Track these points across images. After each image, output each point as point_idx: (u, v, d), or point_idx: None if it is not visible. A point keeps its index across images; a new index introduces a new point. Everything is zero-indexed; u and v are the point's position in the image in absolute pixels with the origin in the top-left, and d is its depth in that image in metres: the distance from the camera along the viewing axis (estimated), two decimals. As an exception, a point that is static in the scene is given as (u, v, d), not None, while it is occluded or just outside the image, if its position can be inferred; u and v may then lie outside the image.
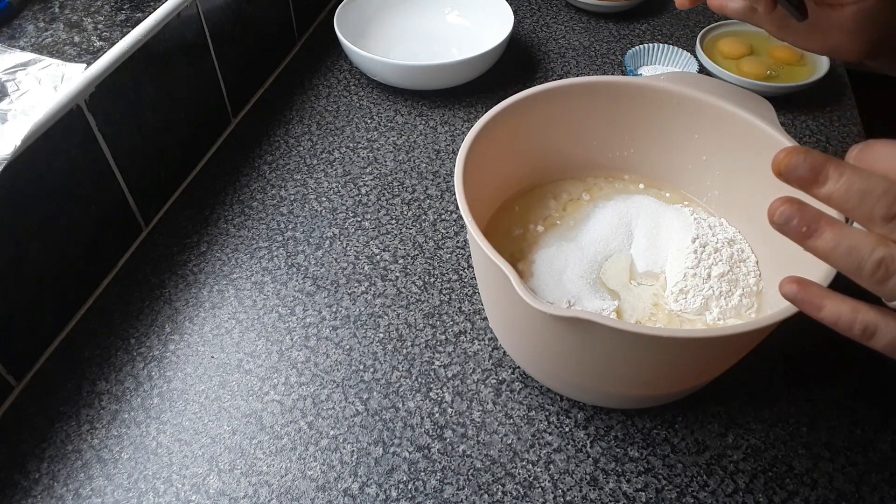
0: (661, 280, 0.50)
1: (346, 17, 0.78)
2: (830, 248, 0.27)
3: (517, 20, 0.87)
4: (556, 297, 0.48)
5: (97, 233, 0.55)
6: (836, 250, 0.27)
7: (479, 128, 0.47)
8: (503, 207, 0.55)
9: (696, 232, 0.51)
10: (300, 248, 0.59)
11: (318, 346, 0.52)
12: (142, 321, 0.54)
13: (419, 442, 0.46)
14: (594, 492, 0.44)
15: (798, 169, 0.27)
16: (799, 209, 0.27)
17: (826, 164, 0.27)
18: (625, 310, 0.49)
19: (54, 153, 0.48)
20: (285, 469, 0.45)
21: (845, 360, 0.51)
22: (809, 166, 0.27)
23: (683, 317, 0.48)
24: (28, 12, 0.57)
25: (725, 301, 0.48)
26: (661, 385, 0.44)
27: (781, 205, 0.28)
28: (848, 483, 0.45)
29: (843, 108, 0.74)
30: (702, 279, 0.48)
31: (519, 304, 0.37)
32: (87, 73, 0.50)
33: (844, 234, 0.27)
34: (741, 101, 0.49)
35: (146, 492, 0.44)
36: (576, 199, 0.56)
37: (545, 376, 0.47)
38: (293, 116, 0.73)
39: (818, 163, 0.27)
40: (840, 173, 0.26)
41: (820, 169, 0.27)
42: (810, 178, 0.27)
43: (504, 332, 0.49)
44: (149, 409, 0.48)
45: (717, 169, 0.53)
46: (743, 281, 0.49)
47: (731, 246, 0.51)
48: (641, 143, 0.55)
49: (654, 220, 0.53)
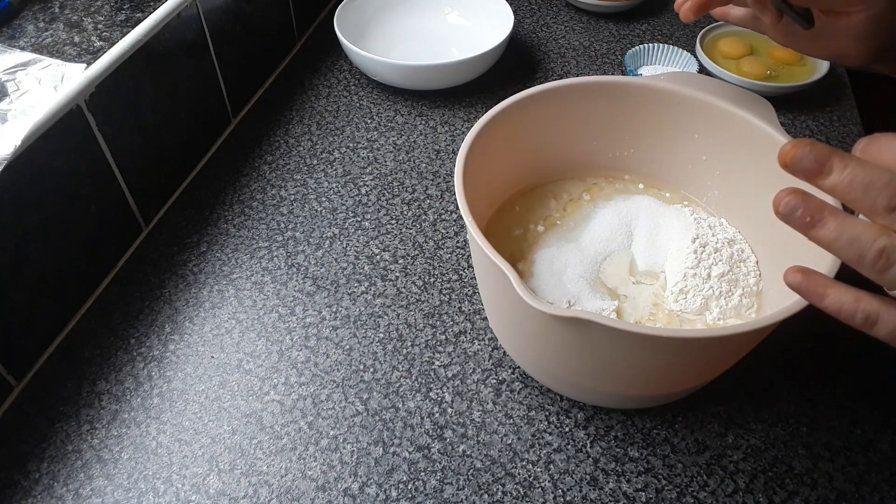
0: (661, 280, 0.50)
1: (346, 17, 0.78)
2: (833, 237, 0.28)
3: (517, 20, 0.87)
4: (556, 297, 0.48)
5: (97, 233, 0.55)
6: (838, 240, 0.28)
7: (478, 128, 0.47)
8: (503, 207, 0.55)
9: (696, 232, 0.50)
10: (300, 248, 0.59)
11: (318, 346, 0.52)
12: (142, 321, 0.54)
13: (419, 442, 0.46)
14: (594, 492, 0.44)
15: (803, 160, 0.28)
16: (803, 200, 0.28)
17: (831, 156, 0.27)
18: (625, 310, 0.49)
19: (54, 153, 0.48)
20: (285, 469, 0.45)
21: (845, 361, 0.51)
22: (814, 158, 0.27)
23: (683, 317, 0.48)
24: (28, 12, 0.57)
25: (725, 301, 0.48)
26: (662, 385, 0.44)
27: (786, 195, 0.28)
28: (848, 483, 0.45)
29: (843, 108, 0.74)
30: (702, 279, 0.48)
31: (519, 304, 0.37)
32: (87, 73, 0.50)
33: (847, 224, 0.27)
34: (741, 101, 0.49)
35: (146, 492, 0.44)
36: (576, 199, 0.56)
37: (545, 376, 0.47)
38: (293, 116, 0.73)
39: (823, 154, 0.27)
40: (844, 165, 0.27)
41: (825, 160, 0.27)
42: (815, 170, 0.28)
43: (504, 332, 0.49)
44: (149, 409, 0.48)
45: (717, 169, 0.53)
46: (743, 281, 0.49)
47: (731, 246, 0.51)
48: (641, 143, 0.55)
49: (654, 220, 0.53)
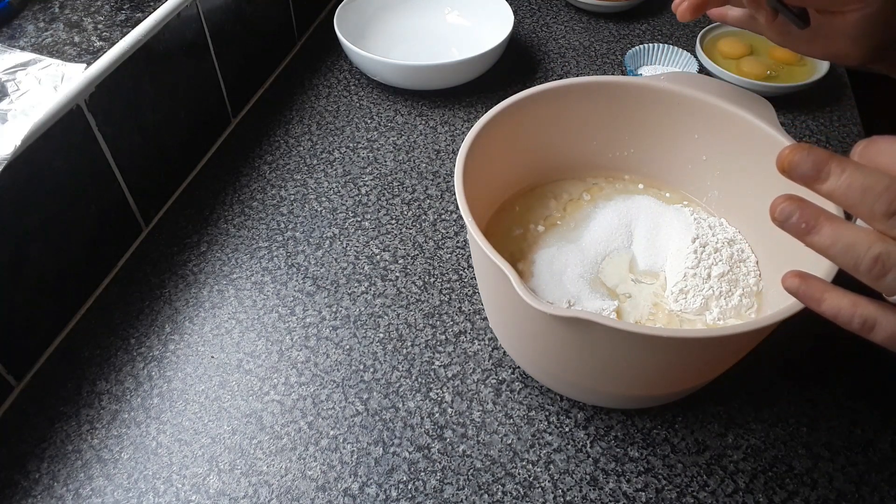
0: (661, 279, 0.50)
1: (346, 17, 0.78)
2: (829, 244, 0.28)
3: (517, 20, 0.87)
4: (555, 297, 0.48)
5: (97, 233, 0.55)
6: (833, 246, 0.28)
7: (478, 128, 0.47)
8: (503, 207, 0.55)
9: (696, 232, 0.50)
10: (300, 248, 0.59)
11: (318, 346, 0.52)
12: (142, 321, 0.54)
13: (419, 442, 0.46)
14: (594, 492, 0.44)
15: (801, 166, 0.28)
16: (799, 206, 0.28)
17: (829, 161, 0.27)
18: (625, 310, 0.49)
19: (54, 153, 0.48)
20: (285, 469, 0.45)
21: (845, 361, 0.51)
22: (812, 163, 0.27)
23: (683, 317, 0.48)
24: (28, 12, 0.57)
25: (725, 301, 0.48)
26: (661, 385, 0.44)
27: (783, 202, 0.28)
28: (848, 483, 0.45)
29: (843, 108, 0.74)
30: (702, 279, 0.48)
31: (519, 304, 0.37)
32: (87, 73, 0.50)
33: (843, 230, 0.27)
34: (741, 101, 0.49)
35: (146, 492, 0.44)
36: (576, 199, 0.56)
37: (545, 376, 0.47)
38: (293, 116, 0.73)
39: (821, 159, 0.27)
40: (842, 170, 0.27)
41: (822, 165, 0.27)
42: (813, 175, 0.27)
43: (504, 332, 0.49)
44: (149, 409, 0.48)
45: (717, 169, 0.53)
46: (743, 281, 0.49)
47: (731, 246, 0.50)
48: (641, 143, 0.55)
49: (655, 221, 0.53)
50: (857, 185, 0.26)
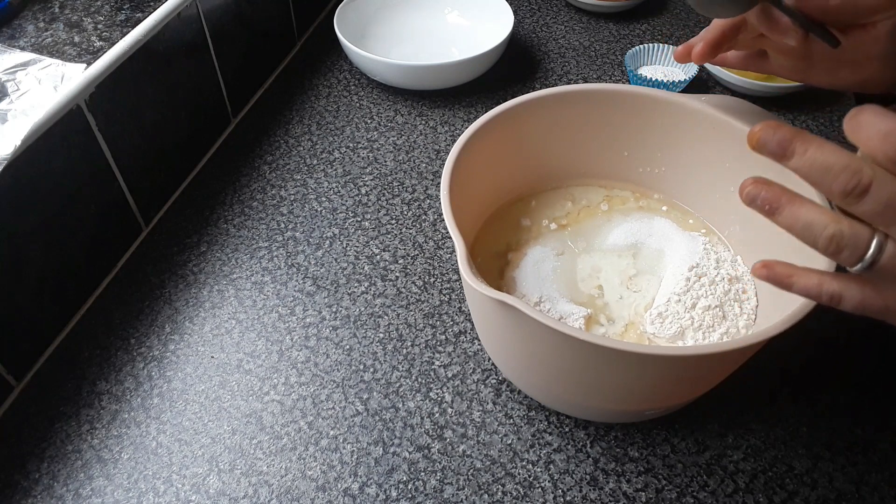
0: (647, 301, 0.49)
1: (346, 17, 0.78)
2: (789, 223, 0.29)
3: (517, 20, 0.87)
4: (528, 291, 0.48)
5: (97, 233, 0.55)
6: (794, 226, 0.29)
7: (486, 120, 0.48)
8: (520, 198, 0.56)
9: (698, 261, 0.49)
10: (300, 248, 0.59)
11: (318, 346, 0.52)
12: (142, 321, 0.54)
13: (419, 442, 0.46)
14: (594, 492, 0.44)
15: (769, 144, 0.29)
16: (763, 188, 0.30)
17: (794, 139, 0.28)
18: (598, 321, 0.48)
19: (54, 153, 0.48)
20: (285, 469, 0.45)
21: (845, 362, 0.51)
22: (778, 141, 0.28)
23: (654, 340, 0.47)
24: (28, 12, 0.57)
25: (704, 335, 0.46)
26: (631, 400, 0.43)
27: (750, 184, 0.30)
28: (848, 483, 0.45)
29: (843, 108, 0.74)
30: (685, 307, 0.47)
31: (466, 282, 0.37)
32: (87, 73, 0.50)
33: (802, 211, 0.29)
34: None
35: (146, 492, 0.44)
36: (593, 207, 0.56)
37: (509, 371, 0.47)
38: (293, 116, 0.73)
39: (786, 138, 0.28)
40: (805, 148, 0.28)
41: (787, 144, 0.28)
42: (779, 152, 0.29)
43: (475, 321, 0.49)
44: (149, 409, 0.48)
45: (741, 203, 0.51)
46: (731, 321, 0.47)
47: (732, 284, 0.49)
48: (672, 162, 0.53)
49: (662, 244, 0.52)
50: (819, 164, 0.28)
